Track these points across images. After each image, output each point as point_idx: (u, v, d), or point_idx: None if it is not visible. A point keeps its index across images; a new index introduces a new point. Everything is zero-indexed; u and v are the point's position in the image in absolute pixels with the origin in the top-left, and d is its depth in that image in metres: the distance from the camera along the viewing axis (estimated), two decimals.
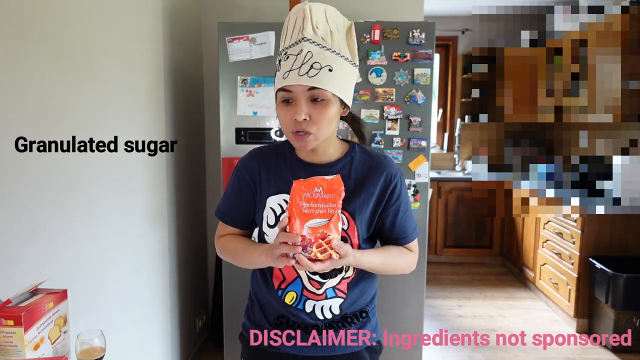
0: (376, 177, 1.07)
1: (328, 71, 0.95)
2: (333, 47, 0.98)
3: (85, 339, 0.98)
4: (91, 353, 0.98)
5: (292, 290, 1.10)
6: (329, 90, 0.96)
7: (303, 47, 0.96)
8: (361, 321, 1.15)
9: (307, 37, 0.96)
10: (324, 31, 0.97)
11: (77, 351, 0.98)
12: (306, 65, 0.95)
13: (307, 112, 0.97)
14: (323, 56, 0.96)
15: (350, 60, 1.01)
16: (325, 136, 1.02)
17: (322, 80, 0.95)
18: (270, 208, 1.09)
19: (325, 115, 0.98)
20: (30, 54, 1.31)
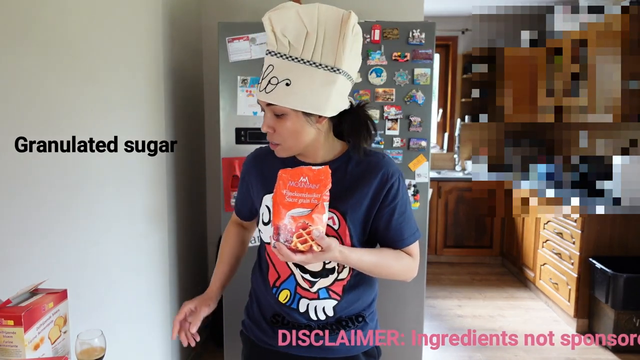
0: (372, 176, 1.04)
1: (285, 85, 0.93)
2: (303, 55, 0.93)
3: (85, 339, 0.98)
4: (91, 353, 0.98)
5: (286, 289, 1.11)
6: (284, 106, 0.95)
7: (266, 61, 0.98)
8: (357, 325, 1.13)
9: (270, 50, 0.96)
10: (294, 35, 0.93)
11: (77, 351, 0.98)
12: (265, 81, 0.96)
13: (271, 124, 0.99)
14: (284, 68, 0.94)
15: (327, 67, 0.94)
16: (297, 147, 1.02)
17: (277, 95, 0.94)
18: (266, 206, 1.11)
19: (285, 129, 0.98)
20: (30, 54, 1.31)
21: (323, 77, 0.95)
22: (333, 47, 0.93)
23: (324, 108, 0.98)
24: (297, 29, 0.93)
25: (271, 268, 1.13)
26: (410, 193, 2.20)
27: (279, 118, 0.98)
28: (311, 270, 1.08)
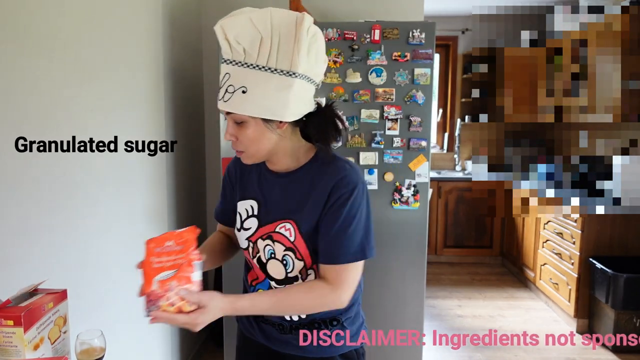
0: (326, 185, 1.01)
1: (241, 93, 0.93)
2: (258, 61, 0.92)
3: (85, 339, 0.98)
4: (91, 353, 0.98)
5: (260, 289, 1.14)
6: (241, 114, 0.95)
7: (222, 70, 0.97)
8: (330, 328, 1.12)
9: (224, 58, 0.96)
10: (249, 42, 0.92)
11: (77, 351, 0.98)
12: (222, 89, 0.96)
13: (233, 133, 0.99)
14: (239, 76, 0.93)
15: (283, 72, 0.93)
16: (259, 153, 1.02)
17: (234, 103, 0.94)
18: (238, 212, 1.14)
19: (246, 137, 0.98)
20: (30, 54, 1.31)
21: (279, 82, 0.93)
22: (288, 51, 0.92)
23: (283, 113, 0.96)
24: (251, 35, 0.92)
25: (251, 269, 1.18)
26: (410, 193, 2.20)
27: (240, 126, 0.98)
28: (276, 279, 1.10)
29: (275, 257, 1.08)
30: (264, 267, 1.11)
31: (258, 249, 1.10)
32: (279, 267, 1.08)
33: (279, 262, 1.07)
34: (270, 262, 1.09)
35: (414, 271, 2.25)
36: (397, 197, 2.20)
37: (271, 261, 1.09)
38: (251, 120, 0.96)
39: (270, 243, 1.08)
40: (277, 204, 1.07)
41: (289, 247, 1.05)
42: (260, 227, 1.09)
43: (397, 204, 2.21)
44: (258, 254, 1.10)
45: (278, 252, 1.07)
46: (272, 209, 1.08)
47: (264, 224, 1.09)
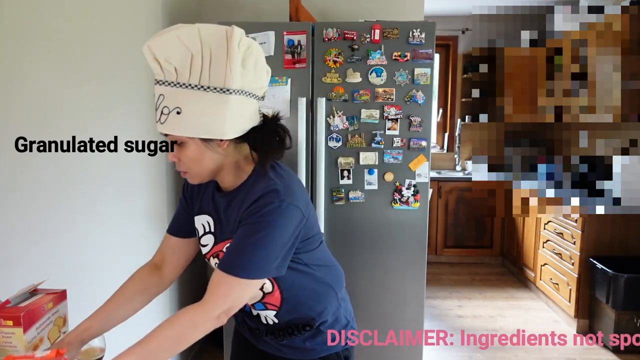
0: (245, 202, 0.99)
1: (176, 114, 0.91)
2: (190, 80, 0.90)
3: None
4: (91, 353, 0.98)
5: None
6: (178, 135, 0.94)
7: (156, 91, 0.94)
8: (304, 334, 1.11)
9: (157, 79, 0.93)
10: (180, 60, 0.89)
11: None
12: (158, 111, 0.94)
13: (175, 154, 0.98)
14: (173, 96, 0.91)
15: (215, 89, 0.90)
16: (203, 173, 1.00)
17: (170, 125, 0.92)
18: (196, 228, 1.14)
19: (186, 157, 0.97)
20: (31, 54, 1.31)
21: (213, 99, 0.91)
22: (221, 66, 0.90)
23: (222, 131, 0.93)
24: (180, 54, 0.89)
25: None
26: (410, 193, 2.20)
27: (180, 147, 0.96)
28: None
29: None
30: None
31: (212, 267, 1.10)
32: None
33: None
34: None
35: (414, 271, 2.25)
36: (397, 197, 2.20)
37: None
38: (189, 141, 0.95)
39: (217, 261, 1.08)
40: (222, 222, 1.07)
41: None
42: (215, 245, 1.09)
43: (397, 204, 2.21)
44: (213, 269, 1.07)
45: None
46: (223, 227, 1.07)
47: (219, 241, 1.09)
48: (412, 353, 2.29)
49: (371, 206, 2.20)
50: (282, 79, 2.14)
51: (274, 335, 1.14)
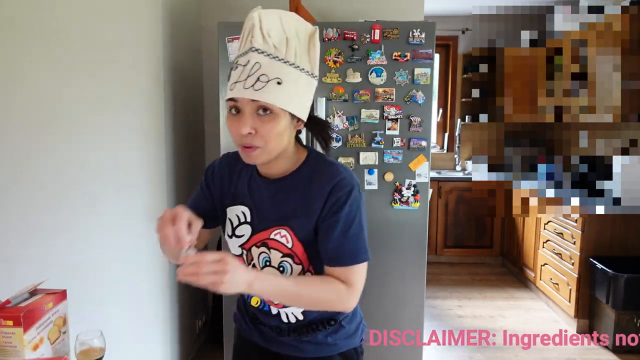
0: (322, 189, 0.99)
1: (276, 84, 0.90)
2: (287, 57, 0.92)
3: (85, 339, 0.98)
4: (91, 353, 0.98)
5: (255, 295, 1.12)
6: (275, 105, 0.91)
7: (251, 58, 0.91)
8: (328, 329, 1.12)
9: (255, 47, 0.91)
10: (278, 39, 0.91)
11: (77, 351, 0.97)
12: (252, 78, 0.90)
13: (253, 125, 0.91)
14: (272, 67, 0.90)
15: (307, 72, 0.95)
16: (277, 151, 0.97)
17: (268, 93, 0.89)
18: (229, 218, 1.09)
19: (272, 130, 0.92)
20: (30, 55, 1.31)
21: (306, 80, 0.95)
22: (306, 54, 0.95)
23: (305, 112, 0.97)
24: (279, 34, 0.91)
25: None
26: (410, 193, 2.20)
27: (264, 117, 0.92)
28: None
29: (271, 264, 1.05)
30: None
31: (252, 257, 1.07)
32: (275, 274, 1.05)
33: (275, 270, 1.05)
34: (265, 270, 1.06)
35: (414, 271, 2.25)
36: (397, 197, 2.20)
37: (267, 269, 1.06)
38: (281, 114, 0.92)
39: (266, 250, 1.05)
40: (270, 210, 1.04)
41: (286, 254, 1.03)
42: (253, 235, 1.06)
43: (397, 204, 2.21)
44: (252, 261, 1.07)
45: (274, 259, 1.04)
46: (265, 215, 1.04)
47: (257, 231, 1.06)
48: (412, 353, 2.29)
49: (371, 206, 2.20)
50: None
51: (297, 333, 1.11)
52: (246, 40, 0.93)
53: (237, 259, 0.90)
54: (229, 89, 0.94)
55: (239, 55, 0.94)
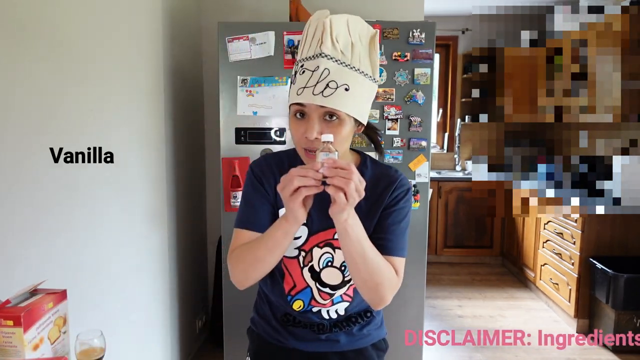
0: (385, 188, 1.05)
1: (344, 90, 0.92)
2: (352, 63, 0.94)
3: (85, 339, 0.98)
4: (91, 353, 0.98)
5: (300, 299, 1.11)
6: (343, 111, 0.93)
7: (320, 64, 0.92)
8: (365, 320, 1.15)
9: (325, 53, 0.92)
10: (344, 44, 0.93)
11: (77, 351, 0.97)
12: (321, 84, 0.91)
13: (320, 130, 0.93)
14: (340, 74, 0.92)
15: (369, 76, 0.97)
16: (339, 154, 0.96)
17: (337, 100, 0.91)
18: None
19: (338, 135, 0.94)
20: (30, 56, 1.31)
21: (369, 86, 0.97)
22: (368, 58, 0.96)
23: (366, 117, 1.00)
24: (345, 38, 0.93)
25: (287, 276, 1.11)
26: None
27: (331, 123, 0.93)
28: (331, 284, 1.07)
29: (333, 264, 1.06)
30: (316, 276, 1.08)
31: (312, 258, 1.06)
32: (335, 274, 1.07)
33: (337, 269, 1.06)
34: (325, 270, 1.06)
35: (414, 271, 2.25)
36: None
37: (327, 269, 1.06)
38: (346, 119, 0.94)
39: (330, 251, 1.05)
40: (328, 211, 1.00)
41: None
42: (312, 235, 1.06)
43: None
44: (310, 262, 1.07)
45: (338, 260, 1.05)
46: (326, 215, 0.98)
47: (315, 231, 1.05)
48: (412, 353, 2.29)
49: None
50: (282, 79, 2.14)
51: (338, 327, 1.13)
52: (314, 44, 0.94)
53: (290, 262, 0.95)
54: (295, 93, 0.95)
55: (304, 58, 0.96)
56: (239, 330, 2.40)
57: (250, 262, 1.00)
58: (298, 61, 0.98)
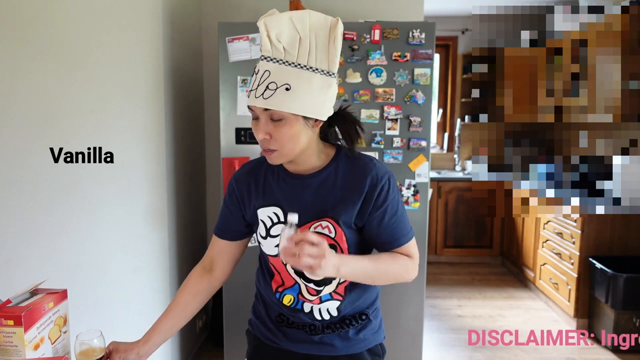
0: (361, 181, 1.04)
1: (285, 90, 0.92)
2: (298, 60, 0.94)
3: (85, 339, 0.98)
4: (90, 354, 0.98)
5: (289, 294, 1.12)
6: (284, 111, 0.94)
7: (260, 67, 0.95)
8: (360, 323, 1.14)
9: (265, 55, 0.95)
10: (288, 41, 0.93)
11: (77, 351, 0.97)
12: (262, 86, 0.93)
13: (267, 130, 0.96)
14: (281, 73, 0.93)
15: (322, 71, 0.96)
16: (294, 152, 1.00)
17: (276, 101, 0.92)
18: (261, 220, 1.10)
19: (284, 134, 0.96)
20: (31, 55, 1.31)
21: (320, 81, 0.96)
22: (325, 52, 0.96)
23: (321, 112, 0.99)
24: (290, 35, 0.93)
25: (276, 275, 1.13)
26: (410, 193, 2.20)
27: (276, 123, 0.96)
28: (313, 279, 1.07)
29: None
30: (299, 271, 1.07)
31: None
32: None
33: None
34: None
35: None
36: None
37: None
38: (291, 118, 0.95)
39: None
40: (306, 205, 1.05)
41: (330, 245, 1.03)
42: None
43: None
44: None
45: None
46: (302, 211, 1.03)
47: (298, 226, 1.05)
48: (412, 353, 2.29)
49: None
50: None
51: (330, 330, 1.12)
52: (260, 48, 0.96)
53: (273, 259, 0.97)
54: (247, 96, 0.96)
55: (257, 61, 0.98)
56: (239, 330, 2.40)
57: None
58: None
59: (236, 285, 2.25)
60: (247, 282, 2.33)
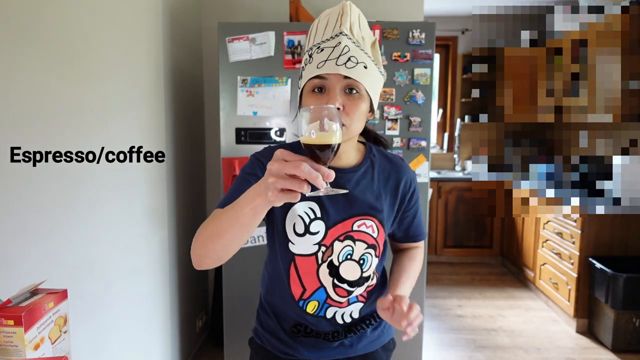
0: (398, 181, 1.07)
1: (363, 68, 0.93)
2: (365, 50, 0.95)
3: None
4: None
5: (314, 300, 1.07)
6: (363, 85, 0.93)
7: (341, 41, 0.92)
8: (377, 321, 1.15)
9: (345, 32, 0.93)
10: (357, 33, 0.95)
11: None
12: (344, 57, 0.91)
13: (342, 102, 0.92)
14: (358, 53, 0.93)
15: (380, 70, 0.99)
16: (356, 132, 0.98)
17: (358, 73, 0.91)
18: (299, 216, 1.01)
19: (359, 108, 0.93)
20: (31, 55, 1.31)
21: (380, 77, 0.99)
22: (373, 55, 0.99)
23: (376, 104, 1.01)
24: (358, 30, 0.96)
25: (295, 282, 1.06)
26: None
27: (351, 96, 0.93)
28: (349, 280, 1.04)
29: (352, 257, 1.04)
30: (334, 271, 1.03)
31: (332, 252, 1.03)
32: (354, 268, 1.04)
33: (355, 263, 1.04)
34: (344, 264, 1.03)
35: None
36: None
37: (346, 263, 1.03)
38: (365, 96, 0.95)
39: (351, 243, 1.03)
40: (346, 202, 1.01)
41: (371, 245, 1.03)
42: (330, 229, 1.02)
43: None
44: (330, 257, 1.03)
45: (357, 252, 1.04)
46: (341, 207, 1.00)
47: (333, 224, 1.02)
48: (412, 353, 2.29)
49: None
50: (282, 79, 2.14)
51: (352, 332, 1.10)
52: (330, 27, 0.95)
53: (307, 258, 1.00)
54: (315, 67, 0.93)
55: (322, 41, 0.94)
56: (239, 330, 2.40)
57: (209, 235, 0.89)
58: (312, 47, 0.96)
59: (236, 286, 2.25)
60: (247, 282, 2.33)
